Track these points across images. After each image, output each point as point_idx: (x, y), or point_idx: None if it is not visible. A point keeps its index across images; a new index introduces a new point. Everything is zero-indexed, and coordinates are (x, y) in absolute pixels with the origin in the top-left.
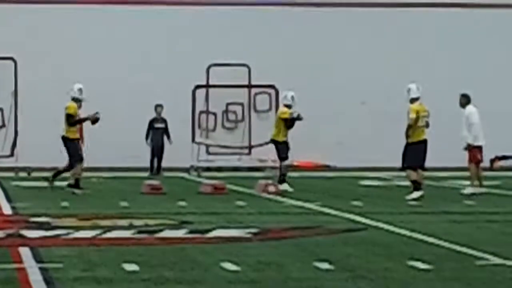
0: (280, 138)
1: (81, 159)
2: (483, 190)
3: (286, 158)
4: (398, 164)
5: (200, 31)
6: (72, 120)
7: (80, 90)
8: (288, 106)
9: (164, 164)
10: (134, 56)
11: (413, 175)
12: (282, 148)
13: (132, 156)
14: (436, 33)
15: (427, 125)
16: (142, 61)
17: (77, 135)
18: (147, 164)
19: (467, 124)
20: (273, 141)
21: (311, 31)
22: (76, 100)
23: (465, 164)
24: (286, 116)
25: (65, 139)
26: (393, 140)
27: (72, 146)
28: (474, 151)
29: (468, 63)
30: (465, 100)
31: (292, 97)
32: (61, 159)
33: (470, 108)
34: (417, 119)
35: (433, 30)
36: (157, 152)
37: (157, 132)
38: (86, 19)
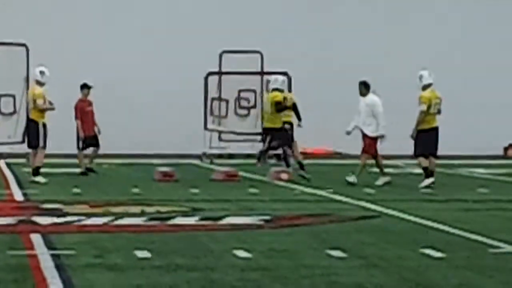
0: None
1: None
2: (389, 178)
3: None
4: (410, 151)
5: (212, 17)
6: (280, 107)
7: (283, 81)
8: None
9: (176, 151)
10: (146, 42)
11: (425, 162)
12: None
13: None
14: (453, 21)
15: (438, 112)
16: (155, 48)
17: (280, 124)
18: (158, 151)
19: (368, 113)
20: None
21: (324, 17)
22: (280, 90)
23: (473, 152)
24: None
25: (269, 129)
26: (405, 127)
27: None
28: (374, 142)
29: (483, 51)
30: (365, 89)
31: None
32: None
33: (372, 97)
34: (429, 106)
35: (450, 17)
36: None
37: None
38: (99, 6)
